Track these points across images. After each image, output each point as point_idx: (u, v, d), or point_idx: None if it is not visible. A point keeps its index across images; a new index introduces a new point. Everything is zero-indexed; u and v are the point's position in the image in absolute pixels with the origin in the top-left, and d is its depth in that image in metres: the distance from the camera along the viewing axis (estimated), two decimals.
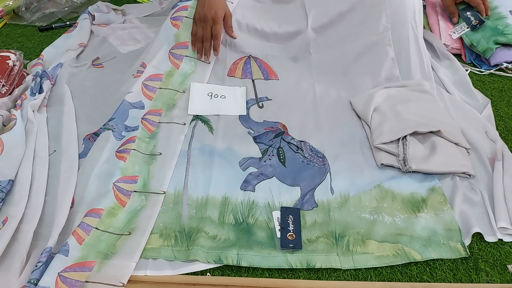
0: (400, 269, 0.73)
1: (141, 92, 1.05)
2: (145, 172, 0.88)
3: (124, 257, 0.73)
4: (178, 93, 1.07)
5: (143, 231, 0.77)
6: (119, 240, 0.76)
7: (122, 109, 1.00)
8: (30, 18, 1.50)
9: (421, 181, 0.85)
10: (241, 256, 0.74)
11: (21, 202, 0.80)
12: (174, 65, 1.11)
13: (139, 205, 0.82)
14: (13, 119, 0.97)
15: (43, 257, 0.70)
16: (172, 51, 1.12)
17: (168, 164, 0.90)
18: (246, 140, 0.97)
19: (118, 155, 0.90)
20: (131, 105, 1.02)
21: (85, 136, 0.98)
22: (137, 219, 0.80)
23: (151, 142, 0.95)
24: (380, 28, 1.12)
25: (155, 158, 0.92)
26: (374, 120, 0.96)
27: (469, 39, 1.22)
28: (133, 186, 0.85)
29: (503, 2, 1.29)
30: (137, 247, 0.75)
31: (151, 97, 1.05)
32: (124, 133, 0.96)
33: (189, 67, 1.12)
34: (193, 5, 1.18)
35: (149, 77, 1.08)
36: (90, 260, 0.72)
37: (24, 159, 0.88)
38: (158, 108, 1.03)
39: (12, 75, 1.11)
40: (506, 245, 0.76)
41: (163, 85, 1.08)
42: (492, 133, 0.95)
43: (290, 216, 0.80)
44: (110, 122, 0.97)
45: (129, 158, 0.89)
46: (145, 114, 1.01)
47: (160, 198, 0.84)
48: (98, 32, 1.38)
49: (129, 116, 1.00)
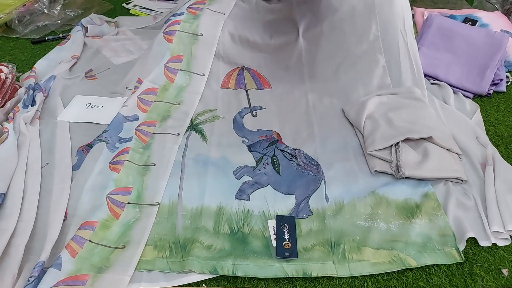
0: (396, 276, 0.73)
1: (136, 106, 1.05)
2: (139, 183, 0.88)
3: (118, 271, 0.72)
4: (173, 106, 1.08)
5: (138, 244, 0.77)
6: (113, 254, 0.75)
7: (117, 122, 1.00)
8: (23, 31, 1.50)
9: (415, 187, 0.86)
10: (237, 266, 0.74)
11: (13, 215, 0.79)
12: (169, 79, 1.12)
13: (133, 217, 0.81)
14: (5, 132, 0.97)
15: (35, 271, 0.69)
16: (167, 65, 1.13)
17: (162, 175, 0.90)
18: (240, 149, 0.97)
19: (111, 167, 0.90)
20: (125, 118, 1.02)
21: (78, 148, 0.98)
22: (131, 232, 0.79)
23: (145, 153, 0.95)
24: (370, 37, 1.14)
25: (149, 169, 0.91)
26: (366, 127, 0.97)
27: None
28: (127, 198, 0.84)
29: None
30: (131, 261, 0.74)
31: (145, 110, 1.05)
32: (118, 145, 0.96)
33: (184, 80, 1.13)
34: (186, 19, 1.19)
35: (144, 91, 1.09)
36: (83, 274, 0.71)
37: (16, 172, 0.88)
38: (152, 119, 1.03)
39: (5, 87, 1.10)
40: (500, 250, 0.76)
41: (158, 98, 1.08)
42: (483, 138, 0.97)
43: (285, 225, 0.79)
44: (104, 134, 0.97)
45: (122, 170, 0.89)
46: (139, 125, 1.01)
47: (154, 209, 0.83)
48: (91, 44, 1.39)
49: (123, 128, 1.00)
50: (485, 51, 1.18)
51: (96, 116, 1.07)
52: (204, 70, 1.15)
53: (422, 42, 1.25)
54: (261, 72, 1.19)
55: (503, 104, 1.13)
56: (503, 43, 1.18)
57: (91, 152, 0.93)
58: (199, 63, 1.16)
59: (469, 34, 1.22)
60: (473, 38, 1.21)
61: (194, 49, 1.17)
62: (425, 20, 1.31)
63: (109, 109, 1.09)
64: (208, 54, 1.18)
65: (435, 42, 1.24)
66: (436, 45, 1.23)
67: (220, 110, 1.10)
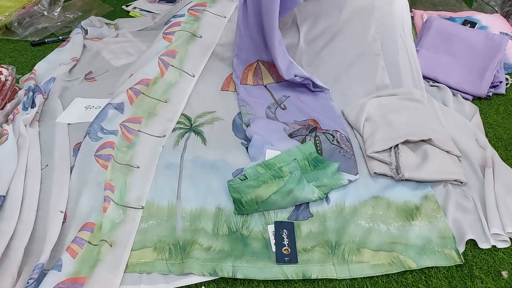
0: (395, 278, 0.73)
1: (126, 94, 1.02)
2: (122, 183, 0.87)
3: (108, 269, 0.72)
4: (160, 103, 1.06)
5: (124, 247, 0.76)
6: (104, 247, 0.75)
7: (103, 110, 0.98)
8: (23, 33, 1.50)
9: (414, 189, 0.86)
10: (236, 268, 0.73)
11: (13, 218, 0.79)
12: (160, 72, 1.09)
13: (117, 219, 0.81)
14: (5, 134, 0.97)
15: (34, 273, 0.69)
16: (161, 57, 1.12)
17: (146, 178, 0.89)
18: (239, 151, 0.97)
19: (100, 162, 0.88)
20: (111, 105, 0.99)
21: (74, 146, 0.97)
22: (116, 232, 0.78)
23: (129, 152, 0.94)
24: (369, 39, 1.14)
25: (132, 170, 0.90)
26: (366, 129, 0.97)
27: None
28: (112, 195, 0.84)
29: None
30: (120, 262, 0.74)
31: (132, 100, 1.02)
32: (100, 135, 0.94)
33: (173, 77, 1.11)
34: (186, 21, 1.19)
35: (138, 82, 1.06)
36: (82, 276, 0.71)
37: (16, 174, 0.88)
38: (138, 115, 1.01)
39: (4, 89, 1.10)
40: (499, 252, 0.76)
41: (146, 91, 1.05)
42: (482, 140, 0.97)
43: (284, 230, 0.79)
44: (89, 128, 0.95)
45: (110, 166, 0.88)
46: (124, 120, 0.99)
47: (139, 213, 0.83)
48: (91, 46, 1.39)
49: (107, 116, 0.97)
50: (484, 53, 1.19)
51: (92, 117, 1.06)
52: (195, 71, 1.14)
53: (421, 44, 1.25)
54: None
55: (503, 106, 1.13)
56: (502, 45, 1.18)
57: (80, 152, 0.92)
58: (191, 63, 1.15)
59: (468, 36, 1.22)
60: (472, 40, 1.21)
61: (190, 49, 1.16)
62: (425, 23, 1.31)
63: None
64: (203, 56, 1.17)
65: (435, 44, 1.24)
66: (435, 48, 1.24)
67: (219, 112, 1.10)
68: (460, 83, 1.16)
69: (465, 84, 1.16)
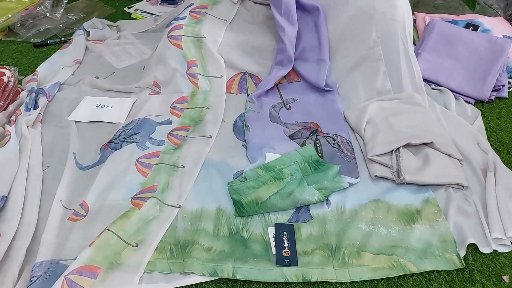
0: (396, 282, 0.73)
1: (169, 112, 1.07)
2: (165, 182, 0.89)
3: (128, 271, 0.73)
4: (203, 109, 1.08)
5: (150, 244, 0.77)
6: (125, 250, 0.75)
7: (148, 125, 1.02)
8: (25, 35, 1.51)
9: (415, 193, 0.86)
10: (237, 269, 0.74)
11: (14, 218, 0.79)
12: (194, 85, 1.13)
13: (152, 215, 0.82)
14: (7, 134, 0.97)
15: (37, 271, 0.70)
16: (188, 72, 1.15)
17: (189, 178, 0.90)
18: (240, 152, 0.97)
19: (140, 169, 0.90)
20: (159, 123, 1.04)
21: (101, 146, 0.98)
22: (147, 230, 0.79)
23: (175, 153, 0.96)
24: (370, 43, 1.14)
25: (177, 170, 0.92)
26: (367, 132, 0.97)
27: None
28: (151, 194, 0.85)
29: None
30: (142, 260, 0.74)
31: (179, 115, 1.07)
32: (148, 144, 0.97)
33: (206, 85, 1.14)
34: (188, 24, 1.20)
35: (176, 101, 1.10)
36: (96, 266, 0.71)
37: (18, 175, 0.88)
38: (186, 125, 1.04)
39: (7, 91, 1.11)
40: (501, 256, 0.76)
41: (189, 105, 1.09)
42: (484, 144, 0.96)
43: (284, 233, 0.79)
44: (134, 136, 0.98)
45: (150, 173, 0.90)
46: (172, 130, 1.02)
47: (175, 211, 0.83)
48: (93, 49, 1.40)
49: (155, 131, 1.01)
50: (486, 57, 1.18)
51: (107, 116, 1.08)
52: (220, 72, 1.16)
53: (423, 47, 1.25)
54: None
55: (505, 110, 1.13)
56: (505, 49, 1.18)
57: (120, 151, 0.94)
58: (213, 66, 1.17)
59: (470, 39, 1.22)
60: (474, 43, 1.21)
61: (204, 53, 1.18)
62: (427, 26, 1.31)
63: (119, 109, 1.10)
64: (218, 55, 1.19)
65: (437, 47, 1.24)
66: (437, 51, 1.24)
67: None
68: (462, 86, 1.16)
69: (467, 87, 1.15)
